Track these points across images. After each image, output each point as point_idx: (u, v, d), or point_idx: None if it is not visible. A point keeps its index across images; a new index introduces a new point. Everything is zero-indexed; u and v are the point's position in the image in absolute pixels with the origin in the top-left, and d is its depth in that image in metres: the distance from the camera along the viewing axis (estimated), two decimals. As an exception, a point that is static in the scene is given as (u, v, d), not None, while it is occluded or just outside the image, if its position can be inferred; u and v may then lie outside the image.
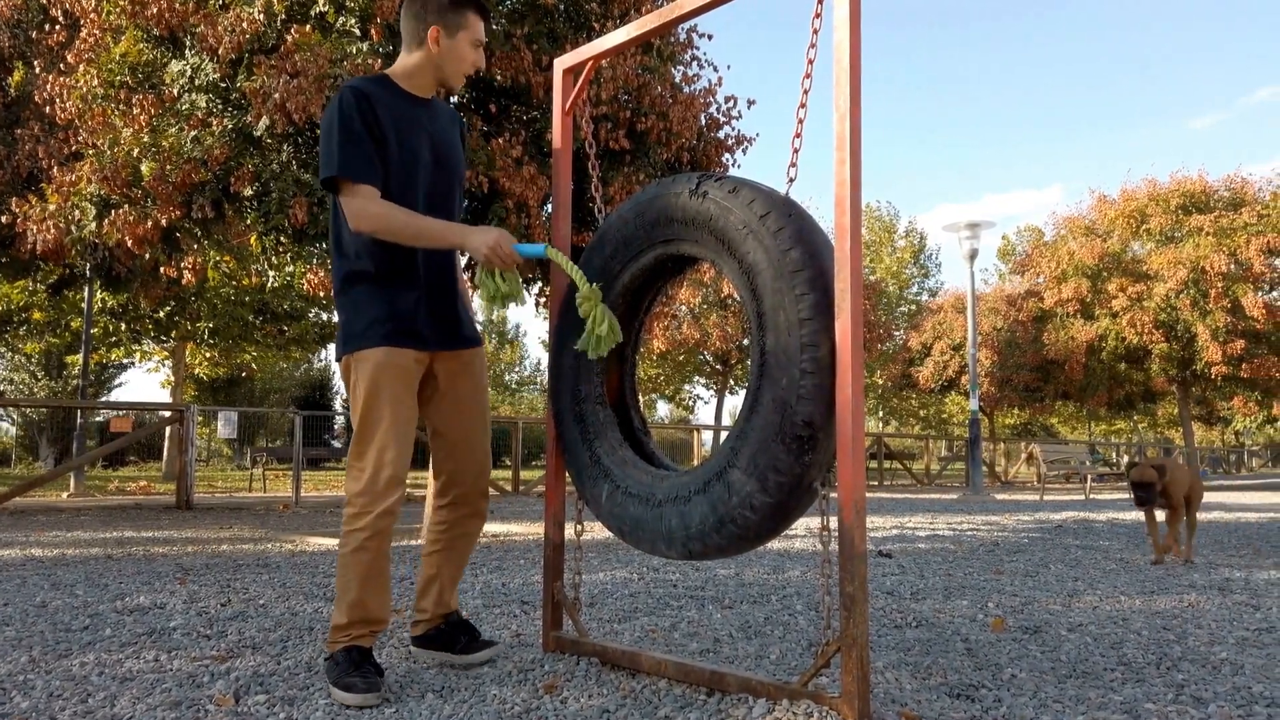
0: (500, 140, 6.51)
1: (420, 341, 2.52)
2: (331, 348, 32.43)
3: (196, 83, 6.44)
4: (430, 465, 2.73)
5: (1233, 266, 20.41)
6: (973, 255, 16.18)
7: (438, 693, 2.40)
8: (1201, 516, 9.92)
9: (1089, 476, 16.91)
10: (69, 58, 6.95)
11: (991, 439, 26.78)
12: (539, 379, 45.33)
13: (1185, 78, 77.86)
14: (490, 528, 7.70)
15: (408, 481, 2.51)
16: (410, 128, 2.54)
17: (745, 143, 8.09)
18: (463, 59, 2.58)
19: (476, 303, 2.89)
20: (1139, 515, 10.15)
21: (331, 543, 6.34)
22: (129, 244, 6.77)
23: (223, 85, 6.48)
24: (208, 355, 25.60)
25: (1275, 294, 21.91)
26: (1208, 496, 15.75)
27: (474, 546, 2.80)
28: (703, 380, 31.02)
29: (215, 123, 6.47)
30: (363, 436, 2.45)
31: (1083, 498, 15.40)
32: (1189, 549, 5.44)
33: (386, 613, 2.47)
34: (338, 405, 37.34)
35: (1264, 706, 2.31)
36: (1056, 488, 20.29)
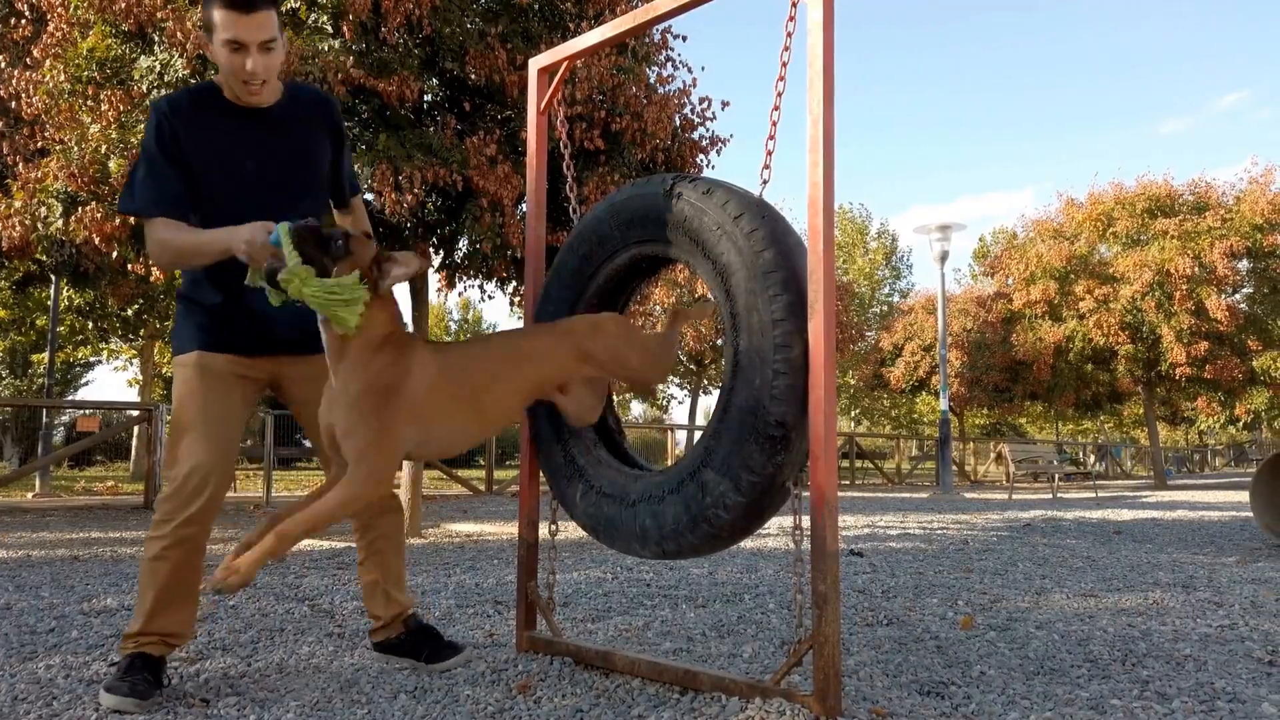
0: (474, 139, 6.49)
1: (234, 348, 2.41)
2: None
3: (165, 79, 6.37)
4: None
5: (1197, 269, 20.72)
6: (943, 257, 16.33)
7: (410, 693, 2.39)
8: (1167, 515, 10.04)
9: (1056, 476, 17.12)
10: (35, 52, 6.84)
11: (961, 439, 27.02)
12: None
13: (1156, 82, 78.96)
14: (463, 528, 7.67)
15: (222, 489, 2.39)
16: (225, 140, 2.37)
17: (719, 144, 8.12)
18: (223, 64, 2.31)
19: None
20: (1107, 514, 10.26)
21: (304, 543, 6.29)
22: (96, 241, 6.68)
23: (192, 81, 6.41)
24: (176, 354, 25.24)
25: (1238, 297, 22.28)
26: (1173, 496, 15.94)
27: (402, 542, 2.72)
28: (676, 380, 31.07)
29: (185, 119, 6.40)
30: (173, 442, 2.37)
31: (1050, 497, 15.59)
32: None
33: (185, 628, 2.39)
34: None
35: (1226, 702, 2.36)
36: (1025, 487, 20.53)
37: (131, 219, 6.51)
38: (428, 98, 7.03)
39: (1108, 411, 30.76)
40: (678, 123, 7.75)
